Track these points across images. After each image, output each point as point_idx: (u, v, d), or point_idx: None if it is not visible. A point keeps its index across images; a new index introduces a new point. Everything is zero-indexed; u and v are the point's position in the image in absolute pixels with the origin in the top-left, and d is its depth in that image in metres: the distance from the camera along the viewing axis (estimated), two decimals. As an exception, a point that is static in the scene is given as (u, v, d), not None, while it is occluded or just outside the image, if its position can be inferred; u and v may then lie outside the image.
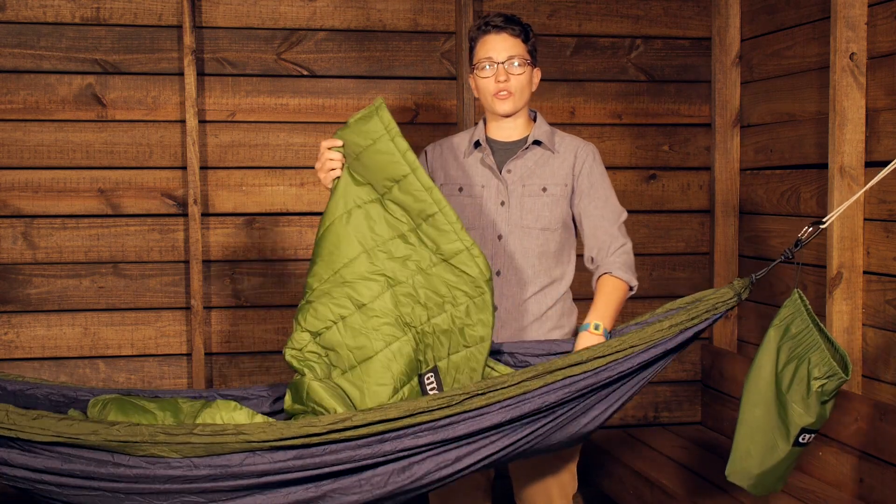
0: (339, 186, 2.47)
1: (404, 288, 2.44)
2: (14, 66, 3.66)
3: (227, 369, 3.85)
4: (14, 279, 3.69)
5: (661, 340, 2.30)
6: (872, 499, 3.07)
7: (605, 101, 4.05)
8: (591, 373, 2.25)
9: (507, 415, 2.19)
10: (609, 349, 2.26)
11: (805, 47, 3.60)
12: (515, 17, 2.63)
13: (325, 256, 2.45)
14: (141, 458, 2.08)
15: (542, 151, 2.65)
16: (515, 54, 2.58)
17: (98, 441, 2.06)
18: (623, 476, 3.66)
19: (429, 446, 2.17)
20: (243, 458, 2.09)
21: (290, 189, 3.85)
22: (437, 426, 2.16)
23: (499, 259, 2.61)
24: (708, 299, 2.34)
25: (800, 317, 2.30)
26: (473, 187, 2.65)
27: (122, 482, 2.10)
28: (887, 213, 3.17)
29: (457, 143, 2.74)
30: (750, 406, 2.32)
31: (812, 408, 2.26)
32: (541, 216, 2.60)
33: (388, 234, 2.46)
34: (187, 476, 2.09)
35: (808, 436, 2.28)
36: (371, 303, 2.44)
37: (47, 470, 2.09)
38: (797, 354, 2.29)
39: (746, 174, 4.00)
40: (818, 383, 2.25)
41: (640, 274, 4.07)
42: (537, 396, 2.21)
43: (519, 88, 2.60)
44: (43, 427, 2.06)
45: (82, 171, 3.72)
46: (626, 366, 2.28)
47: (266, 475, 2.11)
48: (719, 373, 4.04)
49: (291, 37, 3.83)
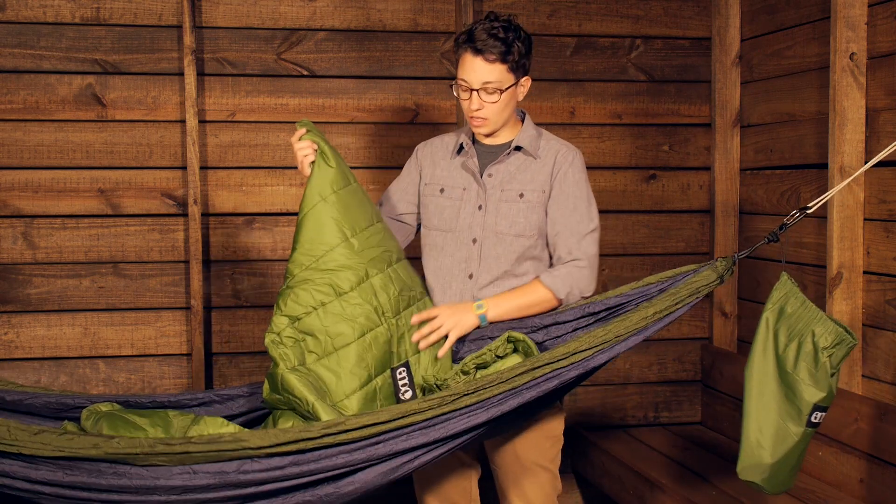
0: (314, 173, 2.50)
1: (381, 278, 2.49)
2: (14, 66, 3.66)
3: (227, 369, 3.85)
4: (14, 279, 3.69)
5: (644, 327, 2.33)
6: (872, 499, 3.07)
7: (605, 101, 4.05)
8: (579, 363, 2.29)
9: (497, 411, 2.24)
10: (595, 339, 2.29)
11: (805, 47, 3.60)
12: (498, 33, 2.50)
13: (304, 244, 2.48)
14: (142, 468, 2.10)
15: (524, 157, 2.64)
16: (491, 80, 2.52)
17: (99, 454, 2.08)
18: (623, 476, 3.66)
19: (422, 447, 2.22)
20: (240, 465, 2.11)
21: (290, 189, 3.85)
22: (428, 426, 2.20)
23: (472, 263, 2.62)
24: (690, 283, 2.36)
25: (793, 296, 2.31)
26: (454, 189, 2.66)
27: (124, 493, 2.12)
28: (887, 213, 3.17)
29: (446, 142, 2.75)
30: (755, 395, 2.30)
31: (822, 381, 2.25)
32: (515, 222, 2.60)
33: (364, 221, 2.51)
34: (187, 486, 2.10)
35: (820, 414, 2.26)
36: (350, 290, 2.46)
37: (49, 482, 2.11)
38: (798, 331, 2.28)
39: (746, 174, 4.00)
40: (826, 353, 2.24)
41: (641, 274, 4.09)
42: (525, 390, 2.26)
43: (493, 114, 2.57)
44: (44, 442, 2.08)
45: (82, 171, 3.72)
46: (613, 352, 2.32)
47: (264, 483, 2.13)
48: (719, 373, 4.04)
49: (291, 37, 3.83)
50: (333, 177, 2.49)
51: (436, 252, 2.67)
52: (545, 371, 2.26)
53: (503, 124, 2.63)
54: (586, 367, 2.31)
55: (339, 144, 3.87)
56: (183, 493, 2.11)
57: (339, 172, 2.50)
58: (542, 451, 2.65)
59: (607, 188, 4.05)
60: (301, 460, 2.13)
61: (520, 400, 2.25)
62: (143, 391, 3.77)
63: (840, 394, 3.18)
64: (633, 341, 2.33)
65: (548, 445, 2.66)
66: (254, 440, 2.10)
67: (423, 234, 2.73)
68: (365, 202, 2.55)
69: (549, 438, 2.66)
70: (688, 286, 2.35)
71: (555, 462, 2.69)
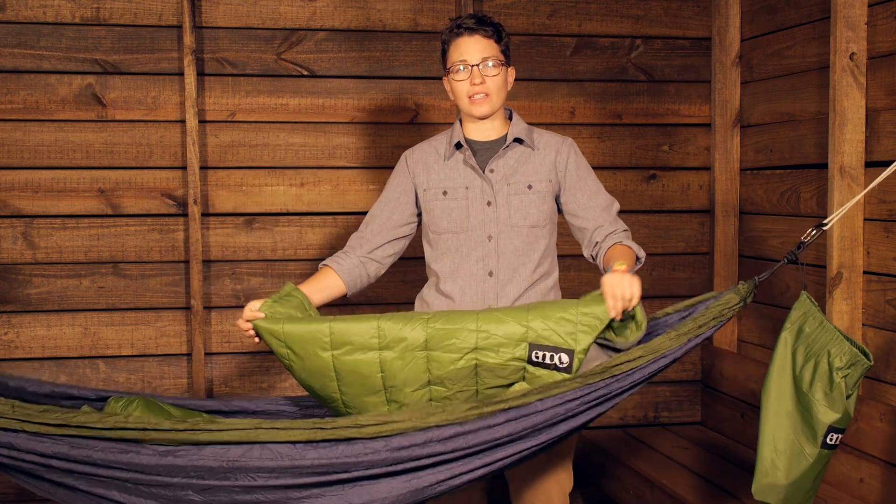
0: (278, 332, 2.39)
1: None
2: (14, 66, 3.66)
3: (227, 369, 3.85)
4: (14, 279, 3.69)
5: (668, 351, 2.27)
6: (873, 499, 3.07)
7: (605, 101, 4.05)
8: (602, 384, 2.23)
9: (518, 425, 2.19)
10: (617, 361, 2.24)
11: (805, 47, 3.60)
12: (487, 18, 2.62)
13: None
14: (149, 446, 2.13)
15: (522, 149, 2.64)
16: (490, 55, 2.57)
17: (105, 427, 2.12)
18: (623, 476, 3.66)
19: (450, 453, 2.18)
20: (267, 451, 2.14)
21: (290, 189, 3.85)
22: (452, 433, 2.16)
23: (490, 260, 2.60)
24: (713, 307, 2.33)
25: (812, 316, 2.28)
26: (457, 189, 2.63)
27: (131, 471, 2.13)
28: (887, 213, 3.17)
29: (435, 145, 2.71)
30: (772, 415, 2.27)
31: (837, 402, 2.22)
32: (528, 213, 2.60)
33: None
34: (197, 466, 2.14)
35: (835, 436, 2.23)
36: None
37: (56, 455, 2.13)
38: (815, 352, 2.26)
39: (746, 174, 4.00)
40: (841, 374, 2.22)
41: (640, 275, 4.08)
42: (547, 410, 2.20)
43: (495, 89, 2.59)
44: (51, 417, 2.13)
45: (82, 171, 3.72)
46: (635, 377, 2.26)
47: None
48: (719, 373, 4.04)
49: (291, 37, 3.83)
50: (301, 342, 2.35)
51: (450, 255, 2.63)
52: (573, 386, 2.20)
53: (499, 106, 2.63)
54: (611, 389, 2.25)
55: (339, 144, 3.87)
56: (187, 475, 2.15)
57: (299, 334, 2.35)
58: (560, 448, 2.63)
59: (607, 188, 3.97)
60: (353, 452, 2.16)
61: (542, 418, 2.19)
62: (144, 391, 3.77)
63: (840, 394, 3.18)
64: (657, 364, 2.27)
65: (566, 441, 2.65)
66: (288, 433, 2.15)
67: (431, 240, 2.68)
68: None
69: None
70: (711, 310, 2.32)
71: (570, 457, 2.69)
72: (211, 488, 2.16)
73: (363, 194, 3.89)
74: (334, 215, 3.89)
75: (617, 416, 4.15)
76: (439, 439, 2.15)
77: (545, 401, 2.19)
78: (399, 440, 2.14)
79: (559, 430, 2.23)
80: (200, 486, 2.16)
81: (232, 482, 2.15)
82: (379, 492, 2.18)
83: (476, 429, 2.16)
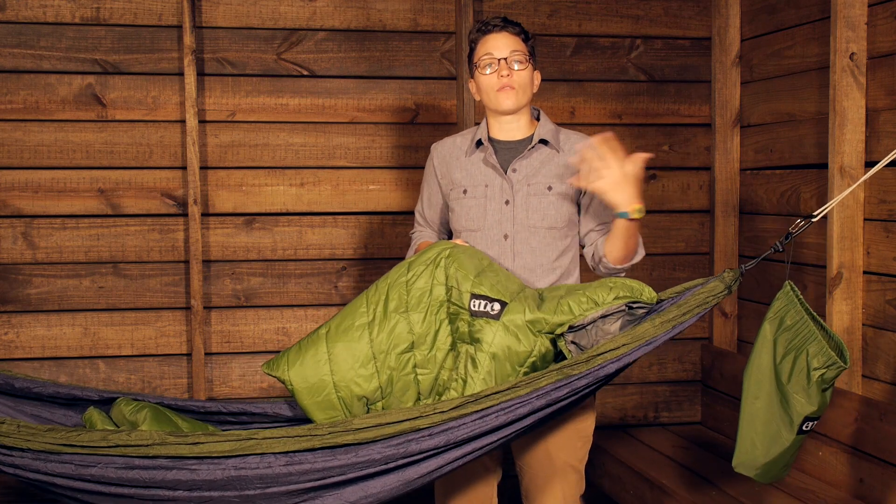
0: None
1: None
2: (14, 66, 3.66)
3: (227, 369, 3.85)
4: (14, 279, 3.69)
5: (652, 338, 2.30)
6: (872, 499, 3.07)
7: (605, 101, 4.05)
8: (590, 373, 2.27)
9: (508, 416, 2.25)
10: (601, 350, 2.28)
11: (805, 47, 3.60)
12: (512, 20, 2.66)
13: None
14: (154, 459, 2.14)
15: (548, 151, 2.64)
16: (517, 49, 2.60)
17: (109, 445, 2.14)
18: (623, 476, 3.66)
19: (443, 447, 2.24)
20: (271, 460, 2.17)
21: (290, 189, 3.85)
22: (443, 429, 2.22)
23: (506, 259, 2.60)
24: (698, 294, 2.34)
25: (793, 308, 2.32)
26: (477, 187, 2.64)
27: (134, 486, 2.13)
28: (887, 213, 3.17)
29: (459, 143, 2.73)
30: (751, 399, 2.34)
31: (814, 397, 2.28)
32: (547, 215, 2.60)
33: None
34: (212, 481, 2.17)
35: (810, 423, 2.31)
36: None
37: (62, 474, 2.16)
38: (795, 346, 2.30)
39: (746, 174, 4.00)
40: (818, 373, 2.27)
41: (640, 274, 4.09)
42: (535, 398, 2.25)
43: (521, 84, 2.60)
44: (56, 436, 2.16)
45: (82, 171, 3.72)
46: (621, 363, 2.30)
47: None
48: (719, 373, 4.04)
49: (291, 37, 3.83)
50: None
51: None
52: (557, 378, 2.26)
53: (525, 104, 2.64)
54: (597, 377, 2.29)
55: (339, 144, 3.87)
56: (203, 488, 2.17)
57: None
58: (573, 451, 2.64)
59: (607, 188, 4.04)
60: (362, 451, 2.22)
61: (529, 408, 2.26)
62: (143, 391, 3.78)
63: (840, 394, 3.18)
64: (641, 351, 2.31)
65: (579, 445, 2.65)
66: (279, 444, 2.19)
67: (453, 236, 2.73)
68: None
69: (581, 438, 2.65)
70: (696, 297, 2.33)
71: (583, 462, 2.69)
72: (211, 500, 2.18)
73: (363, 194, 3.89)
74: (334, 215, 3.89)
75: (617, 416, 4.15)
76: (431, 435, 2.21)
77: (531, 393, 2.24)
78: (393, 441, 2.20)
79: (549, 410, 2.30)
80: (202, 499, 2.17)
81: (231, 492, 2.16)
82: (373, 487, 2.24)
83: (467, 422, 2.23)
